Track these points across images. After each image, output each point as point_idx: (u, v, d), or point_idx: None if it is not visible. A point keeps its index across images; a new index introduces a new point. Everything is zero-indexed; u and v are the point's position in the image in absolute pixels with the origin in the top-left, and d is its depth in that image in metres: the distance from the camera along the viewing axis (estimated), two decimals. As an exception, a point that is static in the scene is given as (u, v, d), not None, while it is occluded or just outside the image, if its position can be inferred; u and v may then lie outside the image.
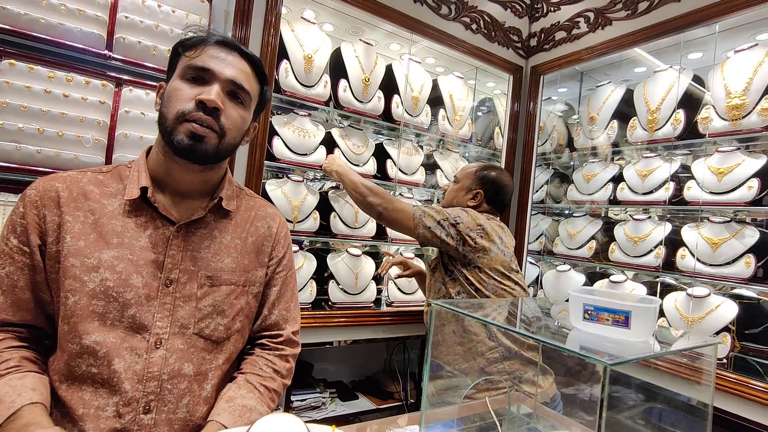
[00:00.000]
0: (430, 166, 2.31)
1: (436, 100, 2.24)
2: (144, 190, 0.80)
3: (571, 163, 2.46)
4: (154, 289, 0.78)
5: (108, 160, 1.38)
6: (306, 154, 1.82)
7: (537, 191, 2.48)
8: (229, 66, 0.81)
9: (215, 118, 0.78)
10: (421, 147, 2.26)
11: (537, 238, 2.50)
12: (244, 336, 0.92)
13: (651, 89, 1.93)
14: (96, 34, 1.37)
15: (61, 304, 0.75)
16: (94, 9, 1.36)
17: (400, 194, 2.13)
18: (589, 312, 0.72)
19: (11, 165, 1.24)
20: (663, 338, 0.81)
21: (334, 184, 2.10)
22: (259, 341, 0.96)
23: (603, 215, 2.26)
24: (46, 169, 1.28)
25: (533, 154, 2.40)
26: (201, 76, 0.79)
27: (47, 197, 0.77)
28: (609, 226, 2.16)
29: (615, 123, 2.10)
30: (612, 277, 1.83)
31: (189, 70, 0.79)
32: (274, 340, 0.95)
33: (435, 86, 2.24)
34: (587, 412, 1.24)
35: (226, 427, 0.76)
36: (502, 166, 2.43)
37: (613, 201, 2.08)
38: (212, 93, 0.77)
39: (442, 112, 2.23)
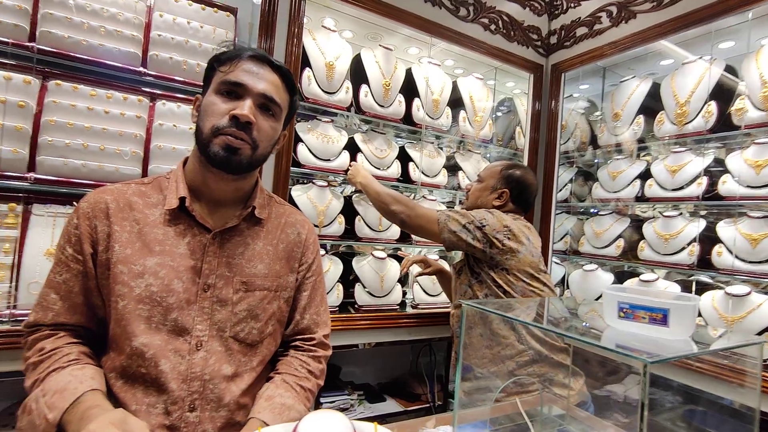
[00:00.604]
0: (452, 168, 2.32)
1: (456, 102, 2.25)
2: (182, 200, 0.84)
3: (595, 161, 2.42)
4: (194, 294, 0.82)
5: (144, 171, 1.45)
6: (329, 160, 1.86)
7: (560, 190, 2.44)
8: (261, 80, 0.84)
9: (248, 131, 0.82)
10: (441, 149, 2.27)
11: (562, 238, 2.46)
12: (277, 340, 0.96)
13: (679, 82, 1.89)
14: (132, 52, 1.44)
15: (111, 308, 0.80)
16: (130, 29, 1.44)
17: (423, 197, 2.14)
18: (625, 310, 0.72)
19: (60, 179, 1.31)
20: (701, 338, 0.80)
21: (357, 189, 2.13)
22: (293, 344, 0.99)
23: (630, 213, 2.21)
24: (90, 182, 1.35)
25: (556, 153, 2.38)
26: (234, 91, 0.83)
27: (98, 209, 0.82)
28: (637, 223, 2.11)
29: (641, 118, 2.05)
30: (642, 276, 1.79)
31: (223, 85, 0.83)
32: (308, 343, 0.98)
33: (455, 88, 2.24)
34: (622, 413, 1.22)
35: (267, 424, 0.79)
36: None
37: (641, 198, 2.04)
38: (245, 108, 0.81)
39: (462, 113, 2.24)
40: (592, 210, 2.38)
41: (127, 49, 1.43)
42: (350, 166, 1.75)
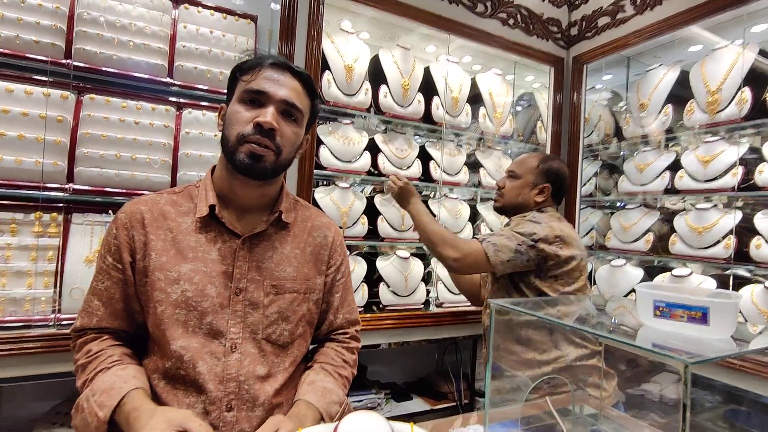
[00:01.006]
0: (472, 165, 2.30)
1: (475, 99, 2.23)
2: (212, 207, 0.87)
3: (621, 153, 2.36)
4: (226, 298, 0.85)
5: (173, 178, 1.50)
6: (351, 161, 1.87)
7: (585, 184, 2.39)
8: (282, 87, 0.86)
9: (271, 138, 0.84)
10: (461, 146, 2.26)
11: (587, 233, 2.41)
12: (307, 340, 0.98)
13: (710, 68, 1.82)
14: (159, 64, 1.49)
15: (150, 313, 0.84)
16: (156, 42, 1.49)
17: (444, 195, 2.14)
18: (661, 308, 0.71)
19: (96, 188, 1.37)
20: (741, 335, 0.77)
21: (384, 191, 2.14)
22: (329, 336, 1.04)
23: (659, 206, 2.14)
24: (124, 191, 1.41)
25: (579, 147, 2.33)
26: (257, 99, 0.85)
27: (134, 219, 0.86)
28: (667, 217, 2.05)
29: (669, 108, 1.99)
30: (675, 271, 1.73)
31: (246, 93, 0.85)
32: (342, 336, 1.04)
33: (473, 85, 2.23)
34: (658, 413, 1.19)
35: (312, 404, 0.85)
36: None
37: (671, 190, 1.97)
38: (268, 115, 0.83)
39: (482, 110, 2.22)
40: (618, 204, 2.32)
41: (154, 61, 1.48)
42: (396, 177, 1.59)
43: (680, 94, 1.97)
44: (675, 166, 1.98)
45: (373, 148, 1.97)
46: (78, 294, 1.32)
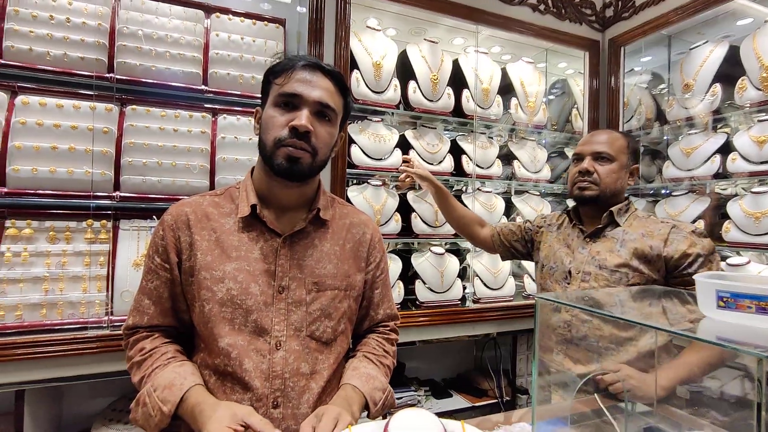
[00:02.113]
0: (505, 157, 2.24)
1: (506, 89, 2.18)
2: (253, 207, 0.88)
3: (664, 138, 2.23)
4: (270, 296, 0.86)
5: (212, 183, 1.54)
6: (382, 159, 1.87)
7: (626, 172, 2.28)
8: (315, 88, 0.86)
9: (307, 140, 0.85)
10: (491, 138, 2.20)
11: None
12: (348, 337, 0.99)
13: (763, 42, 1.69)
14: (194, 72, 1.53)
15: (197, 311, 0.86)
16: (191, 51, 1.53)
17: (477, 188, 2.10)
18: (725, 299, 0.66)
19: (140, 195, 1.43)
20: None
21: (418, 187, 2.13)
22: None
23: (709, 191, 2.02)
24: (165, 196, 1.46)
25: (619, 133, 2.22)
26: (291, 102, 0.85)
27: (180, 221, 0.89)
28: (718, 202, 1.92)
29: (717, 87, 1.86)
30: (730, 260, 1.62)
31: (280, 97, 0.86)
32: (383, 328, 1.06)
33: (504, 75, 2.17)
34: (719, 411, 1.11)
35: (358, 389, 0.88)
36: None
37: (722, 174, 1.85)
38: (303, 119, 0.83)
39: (514, 100, 2.16)
40: (663, 191, 2.20)
41: (190, 70, 1.53)
42: (407, 168, 1.67)
43: (729, 72, 1.84)
44: (726, 149, 1.85)
45: (403, 145, 1.95)
46: (128, 296, 1.38)
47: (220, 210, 0.91)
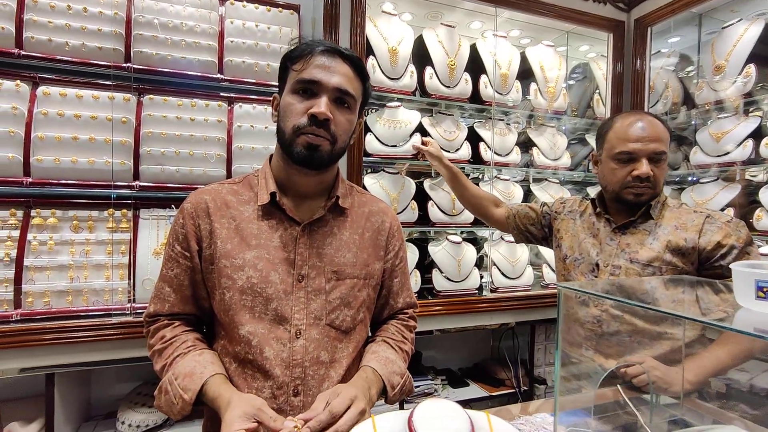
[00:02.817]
0: (523, 144, 2.19)
1: (525, 74, 2.11)
2: (273, 195, 0.88)
3: (692, 123, 2.14)
4: (289, 285, 0.86)
5: (228, 171, 1.54)
6: (396, 146, 1.83)
7: (650, 159, 2.20)
8: (334, 74, 0.84)
9: (326, 128, 0.83)
10: (509, 125, 2.15)
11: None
12: (367, 326, 0.99)
13: (801, 20, 1.59)
14: (210, 60, 1.53)
15: (218, 299, 0.86)
16: (207, 39, 1.53)
17: (496, 176, 2.06)
18: (765, 289, 0.62)
19: (158, 185, 1.45)
20: None
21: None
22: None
23: (739, 178, 1.93)
24: (183, 185, 1.47)
25: (644, 118, 2.14)
26: (310, 88, 0.84)
27: (200, 208, 0.88)
28: (750, 190, 1.84)
29: (751, 68, 1.77)
30: (763, 249, 1.56)
31: (298, 84, 0.84)
32: (402, 315, 1.06)
33: (523, 59, 2.11)
34: (748, 404, 1.08)
35: (377, 371, 0.88)
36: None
37: (756, 160, 1.77)
38: (322, 106, 0.81)
39: (533, 86, 2.10)
40: (690, 178, 2.12)
41: (205, 58, 1.52)
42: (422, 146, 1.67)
43: (764, 52, 1.75)
44: (758, 133, 1.77)
45: (420, 132, 1.92)
46: (149, 284, 1.40)
47: (239, 198, 0.91)
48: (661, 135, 1.21)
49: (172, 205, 1.50)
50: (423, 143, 1.70)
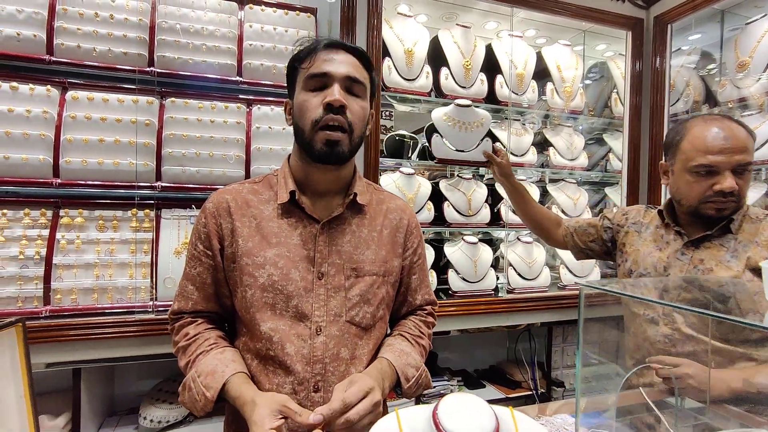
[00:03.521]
0: (538, 144, 2.17)
1: (541, 74, 2.10)
2: (292, 193, 0.89)
3: (715, 121, 2.09)
4: (309, 282, 0.87)
5: (247, 172, 1.57)
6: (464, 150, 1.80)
7: (671, 158, 2.16)
8: (342, 64, 0.86)
9: (343, 115, 0.84)
10: (524, 125, 2.14)
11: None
12: (386, 323, 1.00)
13: (830, 14, 1.55)
14: (229, 64, 1.56)
15: (240, 296, 0.88)
16: (226, 43, 1.56)
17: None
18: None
19: (179, 185, 1.48)
20: None
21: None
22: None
23: (765, 177, 1.88)
24: (203, 186, 1.50)
25: (664, 118, 2.10)
26: (321, 82, 0.85)
27: (221, 208, 0.90)
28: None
29: (777, 64, 1.73)
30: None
31: (309, 79, 0.86)
32: (421, 312, 1.07)
33: (539, 59, 2.10)
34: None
35: (391, 362, 0.90)
36: (625, 134, 2.18)
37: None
38: (336, 93, 0.83)
39: (549, 85, 2.08)
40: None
41: (225, 61, 1.55)
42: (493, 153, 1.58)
43: (790, 48, 1.70)
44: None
45: (490, 137, 1.91)
46: (170, 283, 1.43)
47: (259, 197, 0.92)
48: (746, 144, 1.06)
49: (193, 206, 1.53)
50: (495, 152, 1.60)
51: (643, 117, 2.18)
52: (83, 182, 1.38)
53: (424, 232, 1.90)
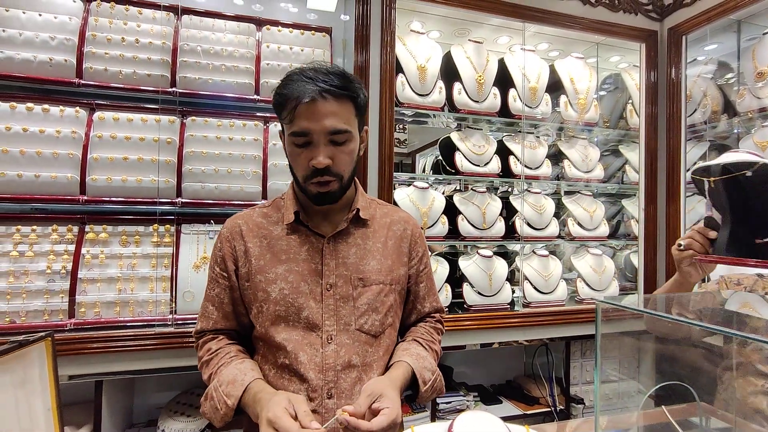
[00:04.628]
0: (553, 157, 2.16)
1: (555, 87, 2.10)
2: (297, 214, 0.94)
3: (734, 131, 2.06)
4: (318, 294, 0.91)
5: (264, 187, 1.61)
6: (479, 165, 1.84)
7: (689, 169, 2.13)
8: (321, 118, 0.83)
9: (329, 173, 0.86)
10: (538, 138, 2.13)
11: (696, 223, 2.14)
12: (396, 330, 1.03)
13: None
14: (247, 83, 1.61)
15: (255, 312, 0.93)
16: (244, 63, 1.61)
17: (526, 190, 2.04)
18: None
19: (199, 201, 1.52)
20: None
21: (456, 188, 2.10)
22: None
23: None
24: (221, 201, 1.54)
25: (681, 128, 2.08)
26: (304, 140, 0.85)
27: (235, 232, 0.96)
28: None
29: (797, 73, 1.70)
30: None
31: (293, 137, 0.86)
32: (431, 319, 1.09)
33: (552, 72, 2.10)
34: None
35: (410, 365, 0.92)
36: (642, 145, 2.16)
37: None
38: (319, 156, 0.84)
39: (563, 98, 2.08)
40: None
41: (243, 81, 1.60)
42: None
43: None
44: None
45: (448, 147, 1.94)
46: (189, 297, 1.46)
47: (269, 219, 0.98)
48: None
49: (211, 221, 1.57)
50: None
51: (660, 127, 2.16)
52: (107, 198, 1.43)
53: (438, 246, 1.91)
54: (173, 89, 1.53)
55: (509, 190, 2.24)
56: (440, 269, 1.80)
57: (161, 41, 1.52)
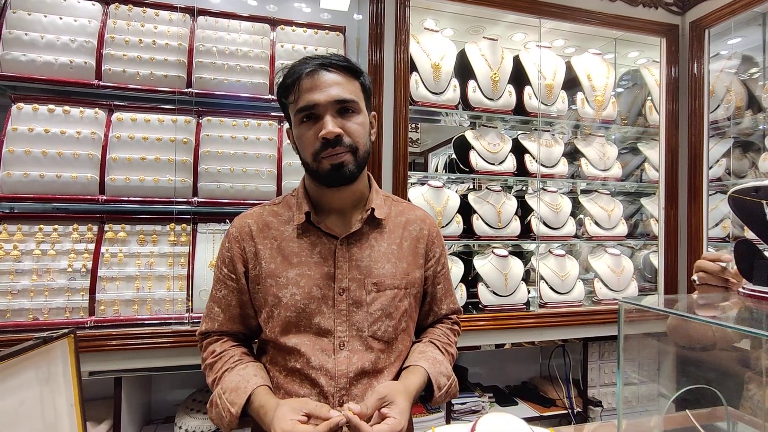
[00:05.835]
0: (569, 155, 2.12)
1: (571, 83, 2.06)
2: (308, 214, 0.90)
3: (760, 127, 1.99)
4: (331, 299, 0.88)
5: (279, 187, 1.61)
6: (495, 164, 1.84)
7: (712, 167, 2.07)
8: (327, 88, 0.82)
9: (341, 143, 0.83)
10: (554, 135, 2.10)
11: (718, 223, 2.08)
12: (410, 335, 0.99)
13: None
14: (261, 83, 1.62)
15: (265, 316, 0.90)
16: (259, 63, 1.62)
17: (542, 188, 2.01)
18: None
19: (214, 200, 1.53)
20: None
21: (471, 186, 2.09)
22: None
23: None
24: (236, 201, 1.55)
25: (704, 124, 2.02)
26: (312, 113, 0.83)
27: (244, 232, 0.93)
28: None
29: (827, 67, 1.63)
30: None
31: (300, 114, 0.84)
32: (447, 320, 1.07)
33: (569, 69, 2.06)
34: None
35: (426, 370, 0.90)
36: (662, 143, 2.11)
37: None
38: (328, 126, 0.81)
39: (580, 95, 2.04)
40: (758, 187, 1.96)
41: (258, 81, 1.61)
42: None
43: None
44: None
45: (462, 145, 1.92)
46: (205, 295, 1.47)
47: (279, 218, 0.94)
48: None
49: (227, 220, 1.58)
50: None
51: (681, 124, 2.10)
52: (126, 198, 1.45)
53: (452, 245, 1.89)
54: (189, 90, 1.54)
55: (524, 188, 2.21)
56: (455, 269, 1.79)
57: (177, 42, 1.54)
